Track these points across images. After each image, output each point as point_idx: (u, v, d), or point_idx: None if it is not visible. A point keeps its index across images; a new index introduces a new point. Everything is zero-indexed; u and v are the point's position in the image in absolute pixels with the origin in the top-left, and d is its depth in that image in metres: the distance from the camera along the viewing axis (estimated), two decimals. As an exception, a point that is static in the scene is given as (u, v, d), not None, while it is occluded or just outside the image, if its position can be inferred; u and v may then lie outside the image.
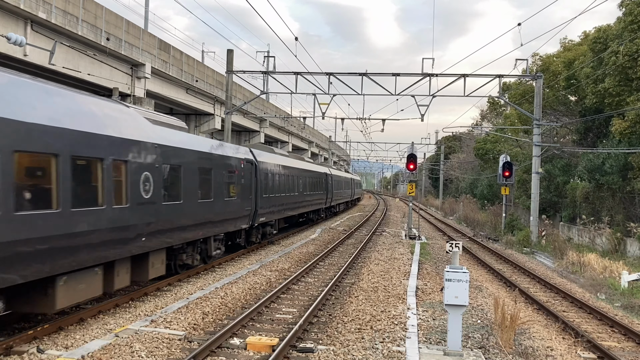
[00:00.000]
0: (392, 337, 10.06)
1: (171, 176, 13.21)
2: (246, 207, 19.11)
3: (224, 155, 17.08)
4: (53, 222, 8.83)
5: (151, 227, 12.08)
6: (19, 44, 16.96)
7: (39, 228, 8.54)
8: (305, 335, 10.17)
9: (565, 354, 10.66)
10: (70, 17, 22.18)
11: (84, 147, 9.67)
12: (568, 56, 32.65)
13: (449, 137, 73.84)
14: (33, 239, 8.44)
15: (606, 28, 27.68)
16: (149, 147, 12.06)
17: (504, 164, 32.72)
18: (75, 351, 8.56)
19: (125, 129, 11.21)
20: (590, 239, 26.98)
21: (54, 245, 8.91)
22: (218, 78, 37.25)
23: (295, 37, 24.03)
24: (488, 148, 46.82)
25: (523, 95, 36.04)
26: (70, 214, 9.24)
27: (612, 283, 18.24)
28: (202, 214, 15.02)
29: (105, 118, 10.64)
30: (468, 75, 27.66)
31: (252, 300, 12.90)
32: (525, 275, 20.32)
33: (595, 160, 27.58)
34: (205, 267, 16.40)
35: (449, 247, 10.19)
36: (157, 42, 29.26)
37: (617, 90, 24.89)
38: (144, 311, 11.23)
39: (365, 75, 28.06)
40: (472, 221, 41.86)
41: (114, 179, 10.60)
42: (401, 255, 21.39)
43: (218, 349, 9.19)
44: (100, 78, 24.90)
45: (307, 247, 23.14)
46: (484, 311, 12.75)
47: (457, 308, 9.31)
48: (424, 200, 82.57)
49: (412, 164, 28.62)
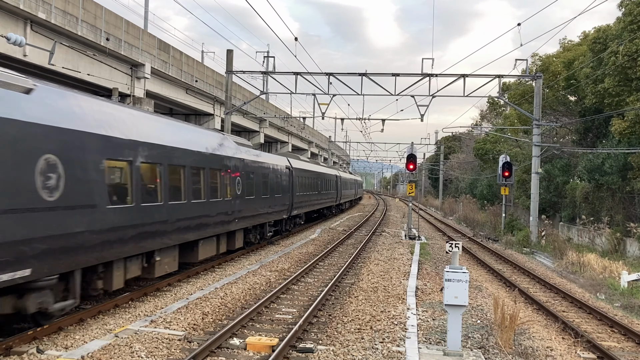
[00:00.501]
0: (391, 337, 10.06)
1: (249, 179, 19.10)
2: (286, 203, 24.88)
3: (275, 164, 23.55)
4: (193, 208, 14.28)
5: (240, 214, 18.05)
6: (19, 44, 16.94)
7: (193, 209, 14.29)
8: (305, 336, 10.17)
9: (565, 354, 10.65)
10: (70, 17, 22.18)
11: (199, 161, 14.91)
12: (568, 56, 32.66)
13: (448, 137, 73.86)
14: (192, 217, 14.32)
15: (606, 28, 27.68)
16: (238, 161, 18.17)
17: (504, 164, 32.72)
18: (75, 351, 8.56)
19: (226, 150, 17.28)
20: (590, 239, 26.98)
21: (200, 222, 14.85)
22: (218, 78, 37.24)
23: (295, 37, 24.01)
24: (488, 148, 46.82)
25: (523, 95, 36.04)
26: (190, 205, 14.18)
27: (612, 283, 18.24)
28: (264, 206, 21.26)
29: (209, 142, 16.29)
30: (468, 75, 27.67)
31: (251, 300, 12.90)
32: (525, 276, 20.32)
33: (594, 160, 27.57)
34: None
35: (449, 247, 10.18)
36: (156, 42, 29.27)
37: (617, 90, 24.88)
38: (144, 311, 11.23)
39: (364, 76, 28.05)
40: (471, 221, 41.86)
41: (224, 180, 16.55)
42: (401, 256, 21.39)
43: (218, 349, 9.19)
44: (100, 78, 24.90)
45: (307, 247, 23.14)
46: (483, 311, 12.76)
47: (457, 308, 9.31)
48: (424, 201, 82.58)
49: (412, 164, 28.62)
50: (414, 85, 28.40)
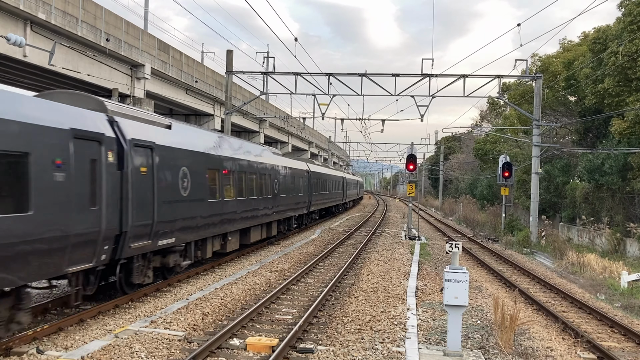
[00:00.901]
0: (391, 338, 10.06)
1: (281, 181, 23.67)
2: (305, 200, 29.32)
3: (299, 168, 28.16)
4: (251, 203, 19.12)
5: (276, 208, 22.80)
6: (19, 45, 16.93)
7: (251, 204, 19.17)
8: (305, 336, 10.16)
9: (565, 354, 10.65)
10: (70, 18, 22.17)
11: (250, 168, 19.43)
12: (567, 56, 32.67)
13: (448, 138, 73.85)
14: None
15: (605, 28, 27.68)
16: (275, 167, 23.04)
17: (504, 165, 32.71)
18: (74, 352, 8.56)
19: (268, 158, 22.41)
20: (590, 239, 26.97)
21: (253, 214, 19.54)
22: (218, 79, 37.23)
23: (295, 37, 24.01)
24: (488, 148, 46.82)
25: (522, 95, 36.05)
26: (249, 200, 19.03)
27: (612, 283, 18.24)
28: (291, 203, 25.90)
29: (257, 151, 21.45)
30: (467, 75, 27.67)
31: (251, 300, 12.90)
32: (525, 276, 20.32)
33: (594, 160, 27.57)
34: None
35: (449, 248, 10.18)
36: (156, 42, 29.26)
37: (617, 90, 24.88)
38: (144, 312, 11.23)
39: (364, 76, 28.06)
40: (471, 221, 41.86)
41: (267, 181, 21.37)
42: (401, 256, 21.38)
43: (218, 349, 9.19)
44: (100, 79, 24.90)
45: (307, 247, 23.13)
46: (483, 311, 12.75)
47: (457, 308, 9.31)
48: (424, 201, 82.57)
49: (412, 165, 28.62)
50: (414, 85, 28.43)
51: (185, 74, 32.55)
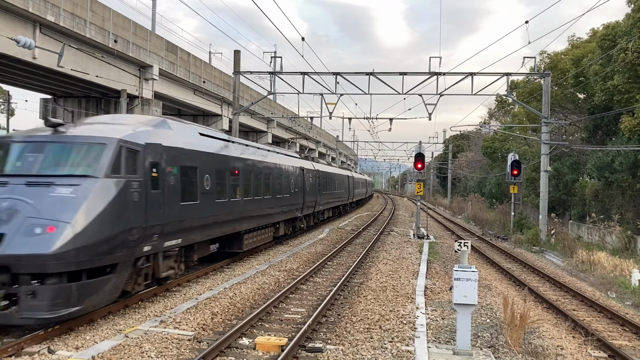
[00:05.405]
0: (401, 337, 10.04)
1: (300, 180, 25.72)
2: (312, 199, 29.25)
3: (311, 168, 29.28)
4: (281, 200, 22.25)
5: (297, 205, 25.09)
6: (28, 47, 17.07)
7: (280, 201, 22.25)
8: (314, 335, 10.18)
9: (575, 353, 10.61)
10: (78, 20, 22.31)
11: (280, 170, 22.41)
12: (576, 53, 32.45)
13: (456, 136, 73.64)
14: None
15: (615, 25, 27.47)
16: (293, 168, 24.84)
17: (512, 163, 32.56)
18: (85, 352, 8.61)
19: (290, 161, 24.76)
20: (600, 237, 26.80)
21: (281, 210, 22.42)
22: (225, 79, 37.32)
23: (302, 37, 24.00)
24: (496, 147, 46.60)
25: (531, 93, 35.87)
26: (280, 198, 22.12)
27: (623, 281, 18.11)
28: (302, 201, 27.52)
29: (291, 160, 24.95)
30: (475, 73, 27.57)
31: (260, 300, 12.93)
32: (535, 274, 20.23)
33: (604, 158, 27.38)
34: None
35: (458, 246, 10.16)
36: (164, 43, 29.37)
37: (626, 87, 24.70)
38: (154, 312, 11.28)
39: (372, 75, 28.02)
40: (480, 220, 41.72)
41: (289, 181, 23.61)
42: (409, 255, 21.35)
43: (227, 349, 9.22)
44: (109, 80, 25.03)
45: (315, 246, 23.15)
46: (493, 310, 12.71)
47: (466, 307, 9.28)
48: (432, 200, 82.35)
49: (420, 163, 28.57)
50: (422, 84, 28.35)
51: (193, 75, 32.65)
